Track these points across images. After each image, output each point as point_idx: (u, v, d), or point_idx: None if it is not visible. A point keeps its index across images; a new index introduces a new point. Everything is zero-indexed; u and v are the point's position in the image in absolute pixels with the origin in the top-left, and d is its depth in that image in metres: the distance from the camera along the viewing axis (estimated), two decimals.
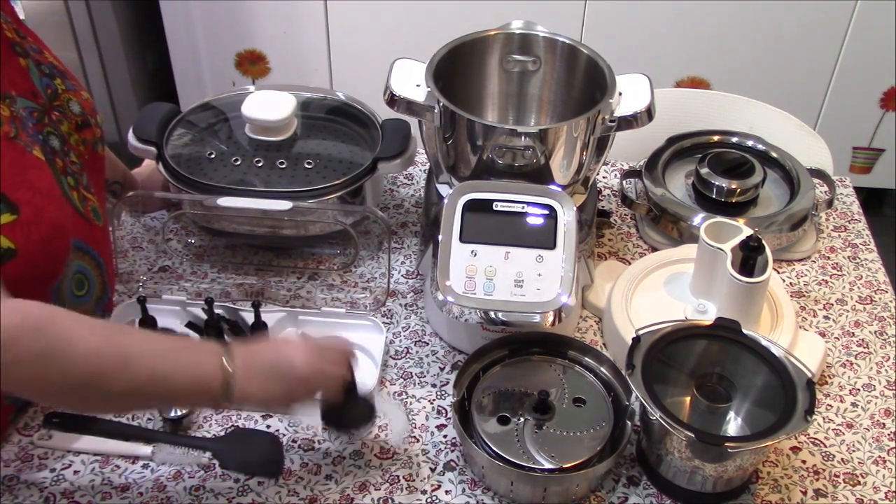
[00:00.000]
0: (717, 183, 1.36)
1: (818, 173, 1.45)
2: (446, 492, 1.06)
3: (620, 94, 1.17)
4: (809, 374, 1.02)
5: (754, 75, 2.38)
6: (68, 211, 1.05)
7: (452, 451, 1.10)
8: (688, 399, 1.08)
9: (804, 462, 1.10)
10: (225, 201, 1.22)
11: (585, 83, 1.23)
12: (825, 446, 1.12)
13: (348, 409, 1.03)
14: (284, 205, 1.21)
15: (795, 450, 1.12)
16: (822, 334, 1.26)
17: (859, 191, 1.59)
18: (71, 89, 1.13)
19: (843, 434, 1.14)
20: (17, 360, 0.85)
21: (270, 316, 1.21)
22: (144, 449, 1.08)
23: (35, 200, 0.97)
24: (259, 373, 0.95)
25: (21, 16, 1.17)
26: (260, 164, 1.29)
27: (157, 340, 0.98)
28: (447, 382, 1.18)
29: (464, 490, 1.06)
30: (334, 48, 2.44)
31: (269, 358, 0.97)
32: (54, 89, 1.10)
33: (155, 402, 1.05)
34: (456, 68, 1.23)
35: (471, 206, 1.15)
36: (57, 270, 1.02)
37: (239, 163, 1.29)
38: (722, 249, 1.16)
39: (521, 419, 1.07)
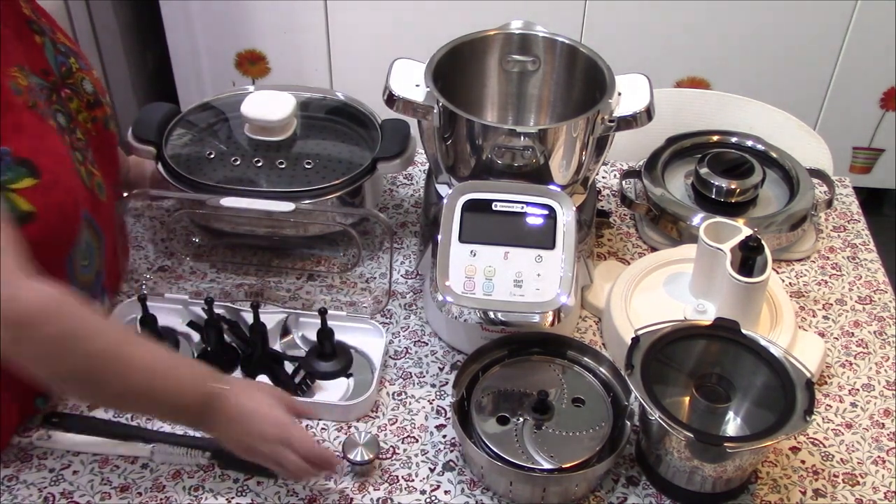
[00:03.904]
0: (716, 183, 1.36)
1: (818, 173, 1.45)
2: (445, 492, 1.06)
3: (620, 94, 1.17)
4: (809, 375, 1.02)
5: (754, 75, 2.38)
6: (77, 181, 1.07)
7: (452, 451, 1.10)
8: (687, 399, 1.08)
9: (803, 462, 1.10)
10: (225, 201, 1.22)
11: (585, 83, 1.23)
12: (824, 446, 1.12)
13: None
14: (287, 206, 1.21)
15: (795, 450, 1.12)
16: (822, 334, 1.26)
17: (859, 191, 1.58)
18: (84, 69, 1.14)
19: (843, 434, 1.14)
20: (30, 340, 0.88)
21: (270, 317, 1.21)
22: (144, 449, 1.08)
23: (53, 167, 1.00)
24: (239, 425, 0.99)
25: None
26: (259, 165, 1.29)
27: (159, 358, 0.99)
28: (446, 382, 1.18)
29: (463, 490, 1.06)
30: (334, 48, 2.44)
31: (251, 426, 0.99)
32: (69, 67, 1.12)
33: (141, 412, 1.10)
34: (455, 68, 1.23)
35: (470, 206, 1.15)
36: (71, 236, 1.04)
37: (238, 163, 1.29)
38: (721, 249, 1.16)
39: (521, 419, 1.07)
